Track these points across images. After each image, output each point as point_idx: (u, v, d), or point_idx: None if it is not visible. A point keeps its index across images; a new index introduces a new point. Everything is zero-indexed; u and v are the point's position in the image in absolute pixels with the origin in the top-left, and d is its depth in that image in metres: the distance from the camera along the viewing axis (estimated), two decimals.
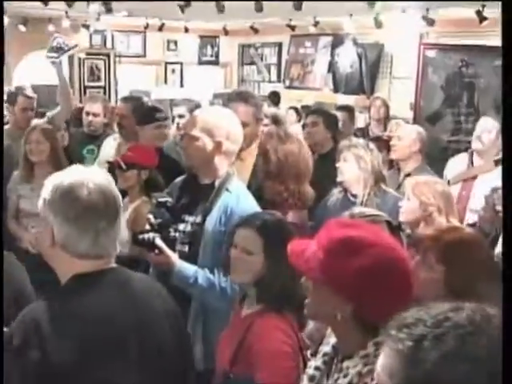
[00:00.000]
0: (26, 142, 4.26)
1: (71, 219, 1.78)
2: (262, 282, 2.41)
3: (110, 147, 4.87)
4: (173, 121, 5.33)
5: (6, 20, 9.01)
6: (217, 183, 2.90)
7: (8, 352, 1.65)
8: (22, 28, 9.93)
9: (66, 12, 8.65)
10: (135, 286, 1.92)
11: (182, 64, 11.58)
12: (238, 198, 2.86)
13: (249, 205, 2.88)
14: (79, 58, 9.58)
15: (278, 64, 10.70)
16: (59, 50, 5.16)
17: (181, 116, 5.18)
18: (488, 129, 4.58)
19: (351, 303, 1.74)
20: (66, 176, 1.83)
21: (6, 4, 8.59)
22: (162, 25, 10.17)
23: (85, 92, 9.36)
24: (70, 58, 9.55)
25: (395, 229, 2.95)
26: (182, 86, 11.43)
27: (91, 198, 1.78)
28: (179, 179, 3.12)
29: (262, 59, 11.10)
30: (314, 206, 4.04)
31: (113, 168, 3.83)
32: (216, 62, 11.89)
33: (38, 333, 1.65)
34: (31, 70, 10.37)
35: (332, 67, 8.88)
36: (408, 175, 4.36)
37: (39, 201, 1.85)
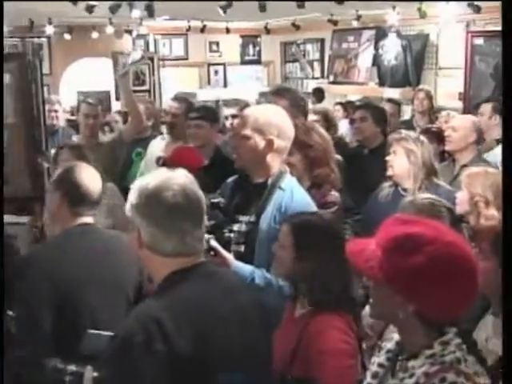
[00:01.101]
0: (54, 162, 4.12)
1: (157, 222, 1.84)
2: (297, 279, 2.49)
3: (156, 148, 4.90)
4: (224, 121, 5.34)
5: (51, 29, 9.21)
6: (269, 181, 2.89)
7: (129, 350, 1.72)
8: (67, 36, 10.09)
9: (110, 18, 8.75)
10: (224, 277, 2.04)
11: (224, 65, 11.61)
12: (291, 195, 2.84)
13: (303, 201, 2.86)
14: (124, 64, 9.66)
15: (321, 60, 10.64)
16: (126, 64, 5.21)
17: (234, 116, 5.20)
18: None
19: (412, 302, 1.70)
20: (151, 179, 1.89)
21: (51, 14, 8.78)
22: (204, 26, 10.23)
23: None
24: (115, 63, 9.66)
25: (457, 221, 2.91)
26: (225, 86, 11.46)
27: (176, 199, 1.83)
28: (231, 179, 3.12)
29: (304, 56, 11.05)
30: (364, 201, 4.02)
31: None
32: (258, 61, 11.90)
33: (162, 329, 1.72)
34: (77, 78, 10.55)
35: (376, 60, 8.79)
36: (464, 166, 4.26)
37: (127, 205, 1.92)
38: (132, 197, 1.90)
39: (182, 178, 1.90)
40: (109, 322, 2.54)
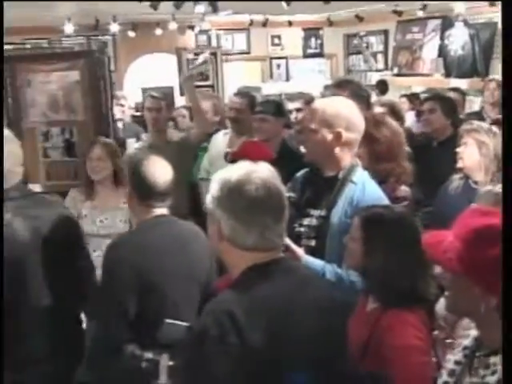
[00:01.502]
0: (86, 157, 4.10)
1: (238, 215, 1.83)
2: (367, 273, 2.47)
3: (220, 142, 4.91)
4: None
5: (116, 27, 9.36)
6: (341, 175, 2.85)
7: (203, 343, 1.73)
8: (131, 34, 10.24)
9: (173, 15, 8.83)
10: (303, 274, 2.01)
11: (286, 58, 11.57)
12: (363, 188, 2.80)
13: (375, 195, 2.82)
14: (187, 59, 9.77)
15: (385, 52, 10.48)
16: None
17: (298, 110, 5.17)
18: None
19: (494, 294, 1.65)
20: (233, 172, 1.88)
21: (115, 12, 8.93)
22: (266, 20, 10.22)
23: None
24: (179, 59, 9.76)
25: None
26: (287, 80, 11.43)
27: (258, 194, 1.82)
28: (301, 173, 3.10)
29: (367, 48, 10.92)
30: (434, 194, 3.94)
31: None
32: (321, 54, 11.80)
33: (235, 323, 1.73)
34: (141, 74, 10.70)
35: (442, 51, 8.60)
36: None
37: (207, 197, 1.90)
38: (213, 189, 1.89)
39: (264, 171, 1.89)
40: (186, 311, 2.66)
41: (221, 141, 4.92)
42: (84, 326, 3.13)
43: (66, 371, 2.85)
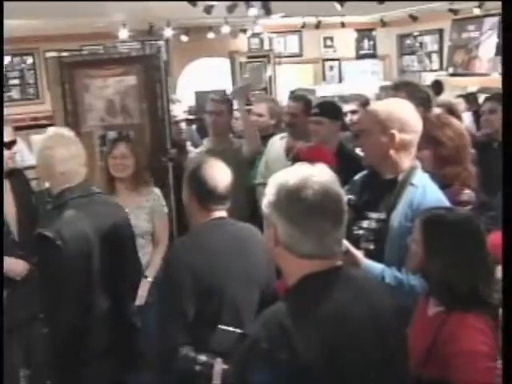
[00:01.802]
0: (109, 155, 4.07)
1: (295, 220, 1.76)
2: (428, 275, 2.41)
3: (277, 147, 4.89)
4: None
5: (170, 32, 9.45)
6: (400, 178, 2.81)
7: (254, 354, 1.69)
8: (184, 38, 10.33)
9: (226, 18, 8.88)
10: (362, 284, 1.90)
11: (339, 60, 11.51)
12: (423, 191, 2.75)
13: (435, 198, 2.76)
14: (240, 63, 9.80)
15: (440, 51, 10.32)
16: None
17: (353, 112, 5.12)
18: None
19: None
20: (290, 176, 1.81)
21: (169, 17, 9.02)
22: (319, 22, 10.17)
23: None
24: (232, 63, 9.79)
25: None
26: (340, 82, 11.36)
27: (316, 198, 1.75)
28: (359, 175, 3.06)
29: (421, 48, 10.76)
30: (494, 196, 3.85)
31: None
32: (374, 55, 11.71)
33: (289, 338, 1.67)
34: (194, 78, 10.79)
35: (500, 49, 8.41)
36: None
37: (263, 200, 1.85)
38: (270, 193, 1.83)
39: (323, 175, 1.81)
40: (246, 313, 2.67)
41: (278, 145, 4.88)
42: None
43: (119, 369, 2.97)
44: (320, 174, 1.82)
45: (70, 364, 2.87)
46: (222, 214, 2.81)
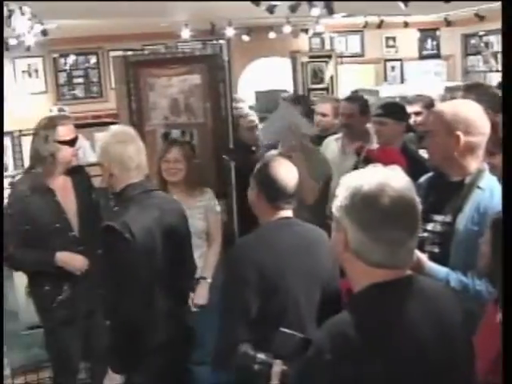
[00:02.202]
0: (161, 159, 4.07)
1: (368, 228, 1.67)
2: (495, 278, 2.30)
3: (332, 148, 4.85)
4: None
5: (231, 32, 9.51)
6: (467, 180, 2.75)
7: (317, 365, 1.65)
8: (245, 38, 10.37)
9: (287, 18, 8.87)
10: (431, 295, 1.81)
11: (401, 60, 11.37)
12: (491, 195, 2.68)
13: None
14: (302, 62, 9.78)
15: None
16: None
17: (417, 113, 5.05)
18: None
19: None
20: (366, 180, 1.71)
21: (230, 16, 9.07)
22: (381, 22, 10.07)
23: (308, 95, 9.51)
24: (294, 62, 9.77)
25: None
26: (402, 82, 11.22)
27: (392, 206, 1.65)
28: (425, 177, 3.02)
29: (487, 47, 10.52)
30: None
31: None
32: (437, 55, 11.51)
33: (352, 350, 1.62)
34: (254, 78, 10.83)
35: None
36: None
37: (334, 203, 1.76)
38: (342, 196, 1.73)
39: (399, 180, 1.71)
40: (307, 313, 2.70)
41: (333, 146, 4.85)
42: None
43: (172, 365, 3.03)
44: (396, 179, 1.71)
45: (128, 357, 2.93)
46: (289, 213, 2.83)
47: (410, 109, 5.05)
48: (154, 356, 2.95)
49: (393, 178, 1.71)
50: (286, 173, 2.81)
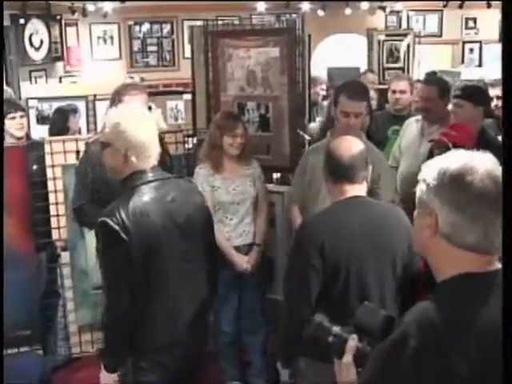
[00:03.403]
0: (226, 134, 4.02)
1: (461, 208, 1.64)
2: None
3: (412, 130, 4.74)
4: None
5: (307, 6, 9.38)
6: None
7: (402, 350, 1.60)
8: (320, 13, 10.23)
9: None
10: None
11: (480, 42, 11.03)
12: None
13: None
14: (378, 40, 9.57)
15: None
16: None
17: (499, 97, 4.89)
18: None
19: None
20: (451, 161, 1.69)
21: None
22: (462, 2, 9.77)
23: (383, 74, 9.33)
24: (370, 39, 9.57)
25: None
26: (480, 65, 10.90)
27: (483, 185, 1.62)
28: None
29: None
30: None
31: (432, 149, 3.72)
32: None
33: (439, 341, 1.58)
34: (327, 54, 10.69)
35: None
36: None
37: (419, 186, 1.73)
38: (430, 178, 1.70)
39: (486, 161, 1.67)
40: (376, 292, 2.69)
41: (413, 128, 4.73)
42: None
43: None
44: (483, 159, 1.68)
45: (120, 356, 2.82)
46: (359, 192, 2.79)
47: (491, 92, 4.89)
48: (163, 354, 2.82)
49: (480, 158, 1.67)
50: (348, 147, 2.80)
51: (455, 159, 1.70)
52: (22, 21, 8.31)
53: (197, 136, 4.80)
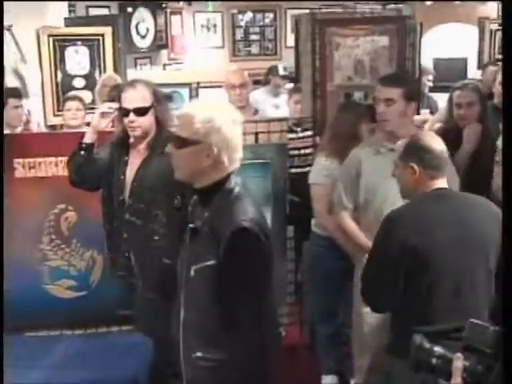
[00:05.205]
0: (367, 123, 3.83)
1: None
2: None
3: None
4: None
5: None
6: None
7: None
8: (428, 2, 9.93)
9: None
10: None
11: None
12: None
13: None
14: (491, 30, 9.17)
15: None
16: None
17: None
18: None
19: None
20: None
21: None
22: None
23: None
24: (481, 29, 9.19)
25: None
26: None
27: None
28: None
29: None
30: None
31: None
32: None
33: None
34: (434, 44, 10.37)
35: None
36: None
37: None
38: None
39: None
40: (467, 288, 2.64)
41: None
42: None
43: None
44: None
45: None
46: (444, 184, 2.79)
47: None
48: None
49: None
50: (439, 141, 2.84)
51: None
52: (129, 9, 8.51)
53: (301, 126, 4.73)
